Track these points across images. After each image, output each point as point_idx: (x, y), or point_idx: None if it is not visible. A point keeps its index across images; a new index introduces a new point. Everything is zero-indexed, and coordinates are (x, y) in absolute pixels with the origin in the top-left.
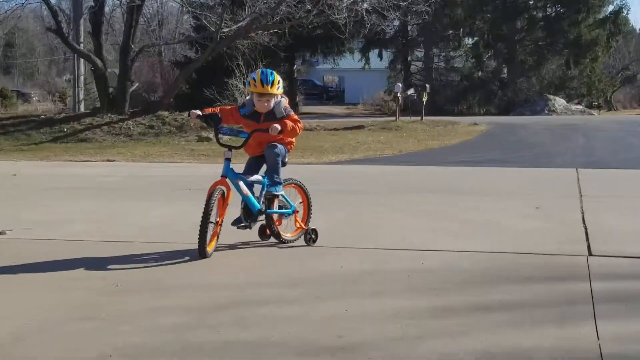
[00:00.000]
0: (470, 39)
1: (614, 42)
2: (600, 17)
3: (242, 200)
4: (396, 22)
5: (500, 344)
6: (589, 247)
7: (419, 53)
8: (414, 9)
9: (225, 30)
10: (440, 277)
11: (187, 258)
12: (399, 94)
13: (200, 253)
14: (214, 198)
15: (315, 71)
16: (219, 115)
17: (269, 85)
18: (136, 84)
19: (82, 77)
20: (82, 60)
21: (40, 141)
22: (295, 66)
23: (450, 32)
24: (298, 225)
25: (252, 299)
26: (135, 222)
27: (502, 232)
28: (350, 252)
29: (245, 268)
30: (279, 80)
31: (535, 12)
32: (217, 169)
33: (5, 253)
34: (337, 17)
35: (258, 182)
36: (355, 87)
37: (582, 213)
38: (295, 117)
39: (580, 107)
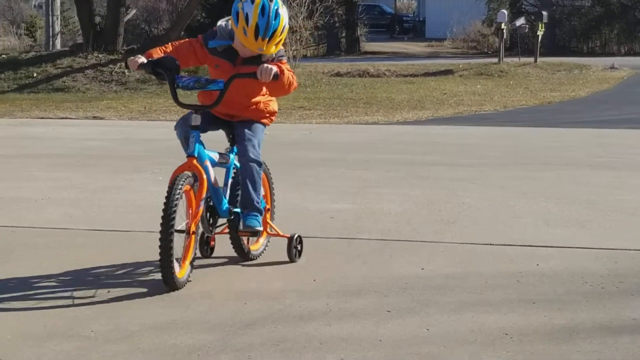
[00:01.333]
0: None
1: None
2: None
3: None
4: None
5: None
6: None
7: None
8: None
9: None
10: (562, 285)
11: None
12: (503, 26)
13: (166, 281)
14: (178, 191)
15: None
16: (176, 61)
17: (266, 40)
18: (133, 11)
19: (57, 1)
20: None
21: (1, 90)
22: None
23: None
24: (273, 231)
25: (292, 312)
26: (130, 201)
27: None
28: (432, 248)
29: (282, 270)
30: (283, 28)
31: None
32: None
33: None
34: None
35: (223, 163)
36: (441, 15)
37: None
38: (288, 65)
39: None
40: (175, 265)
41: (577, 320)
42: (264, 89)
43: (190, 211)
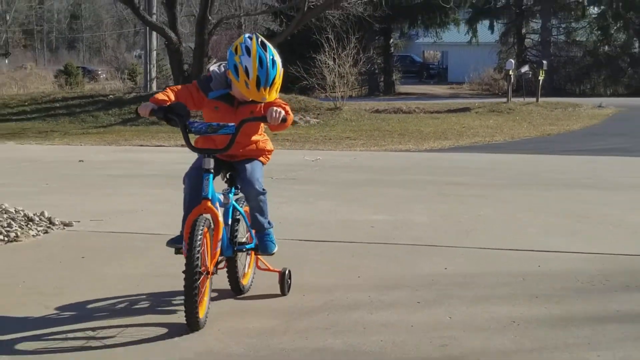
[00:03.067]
0: (595, 8)
1: None
2: None
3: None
4: None
5: (631, 358)
6: None
7: (535, 25)
8: None
9: (313, 1)
10: (559, 282)
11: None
12: (511, 72)
13: (191, 324)
14: (200, 235)
15: (414, 46)
16: (186, 107)
17: (268, 89)
18: (214, 60)
19: (154, 53)
20: (154, 33)
21: (108, 124)
22: (391, 40)
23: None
24: (264, 266)
25: (342, 303)
26: None
27: (632, 232)
28: (454, 252)
29: (335, 268)
30: (280, 72)
31: None
32: (294, 155)
33: (71, 245)
34: None
35: (225, 204)
36: (460, 63)
37: None
38: (282, 101)
39: None
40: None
41: (572, 311)
42: (261, 129)
43: (209, 252)
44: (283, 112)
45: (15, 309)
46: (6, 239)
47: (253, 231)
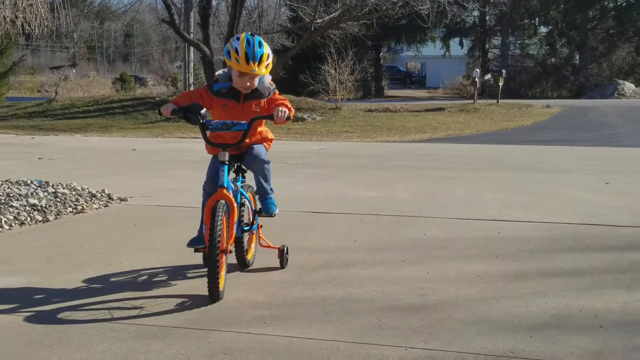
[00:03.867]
0: (544, 28)
1: None
2: None
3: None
4: (475, 13)
5: (572, 304)
6: None
7: (496, 41)
8: (492, 0)
9: (319, 21)
10: (515, 245)
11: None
12: (476, 79)
13: (212, 296)
14: (220, 218)
15: (400, 58)
16: (203, 107)
17: (256, 63)
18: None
19: (191, 64)
20: (191, 48)
21: (155, 120)
22: (381, 53)
23: (526, 21)
24: (265, 243)
25: (342, 261)
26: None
27: (574, 205)
28: (431, 222)
29: (336, 234)
30: (268, 54)
31: (606, 3)
32: (304, 145)
33: (129, 216)
34: (420, 8)
35: (235, 192)
36: (436, 72)
37: None
38: (281, 96)
39: None
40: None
41: (525, 268)
42: (264, 122)
43: (226, 233)
44: (287, 111)
45: (83, 265)
46: (74, 211)
47: (257, 197)
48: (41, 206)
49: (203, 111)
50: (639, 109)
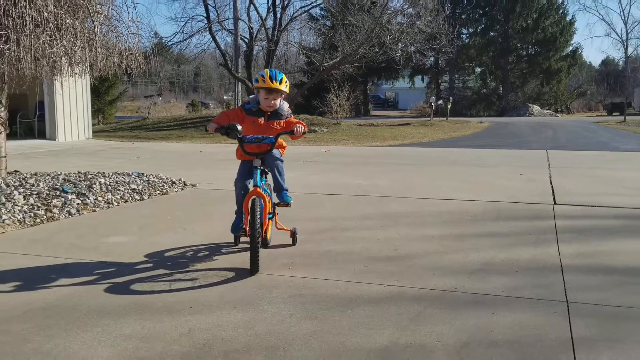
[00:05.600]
0: (479, 69)
1: (572, 70)
2: (564, 54)
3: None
4: (432, 58)
5: (497, 256)
6: (554, 199)
7: (446, 77)
8: (443, 50)
9: (325, 64)
10: (458, 216)
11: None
12: (432, 103)
13: (253, 270)
14: (259, 211)
15: (380, 89)
16: (239, 125)
17: (278, 82)
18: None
19: (239, 93)
20: (239, 83)
21: (197, 136)
22: (367, 86)
23: (467, 64)
24: (280, 226)
25: (340, 226)
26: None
27: (497, 189)
28: (402, 200)
29: (337, 208)
30: (285, 79)
31: (521, 51)
32: (315, 148)
33: (197, 196)
34: (394, 55)
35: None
36: (405, 99)
37: (550, 178)
38: (297, 119)
39: (549, 111)
40: None
41: (465, 231)
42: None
43: (261, 223)
44: (304, 129)
45: (166, 230)
46: (161, 193)
47: (275, 192)
48: (138, 190)
49: (240, 127)
50: (543, 124)
